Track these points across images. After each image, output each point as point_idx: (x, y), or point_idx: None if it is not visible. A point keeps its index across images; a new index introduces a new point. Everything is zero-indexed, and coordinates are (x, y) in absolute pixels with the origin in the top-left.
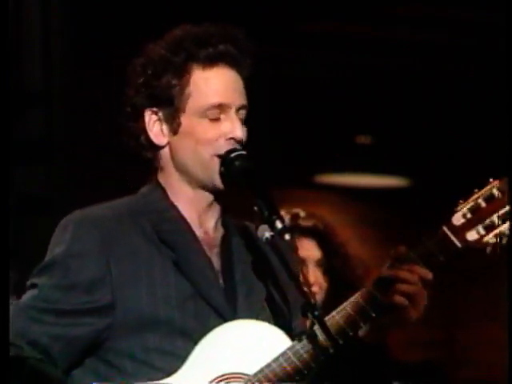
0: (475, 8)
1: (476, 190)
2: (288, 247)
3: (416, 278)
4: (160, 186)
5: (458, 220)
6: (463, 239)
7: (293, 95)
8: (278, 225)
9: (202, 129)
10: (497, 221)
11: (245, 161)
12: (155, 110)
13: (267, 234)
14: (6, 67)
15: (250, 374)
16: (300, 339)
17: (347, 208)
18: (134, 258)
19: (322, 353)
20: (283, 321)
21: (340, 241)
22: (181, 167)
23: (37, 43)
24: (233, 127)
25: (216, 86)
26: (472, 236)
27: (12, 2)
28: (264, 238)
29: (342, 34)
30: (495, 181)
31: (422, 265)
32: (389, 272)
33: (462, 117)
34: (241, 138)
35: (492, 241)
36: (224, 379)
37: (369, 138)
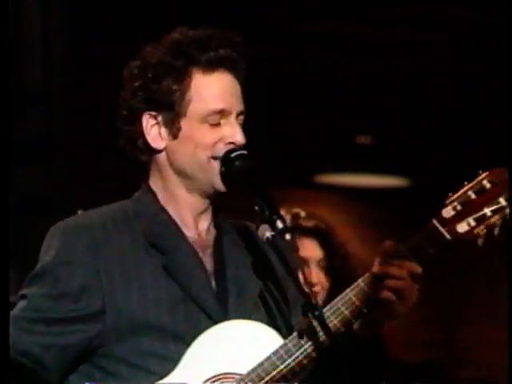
0: (475, 8)
1: (466, 183)
2: (288, 247)
3: (405, 273)
4: (150, 191)
5: (447, 213)
6: (453, 231)
7: (293, 95)
8: (279, 224)
9: (201, 133)
10: (488, 212)
11: (245, 160)
12: (154, 113)
13: (268, 234)
14: (6, 67)
15: (242, 374)
16: (292, 337)
17: (347, 208)
18: (124, 263)
19: (315, 350)
20: (282, 319)
21: (340, 241)
22: (179, 171)
23: (37, 43)
24: (233, 132)
25: (217, 92)
26: (462, 228)
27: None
28: (265, 237)
29: (341, 33)
30: (484, 172)
31: (412, 258)
32: (378, 268)
33: (462, 117)
34: (241, 143)
35: (483, 232)
36: (217, 379)
37: (369, 138)
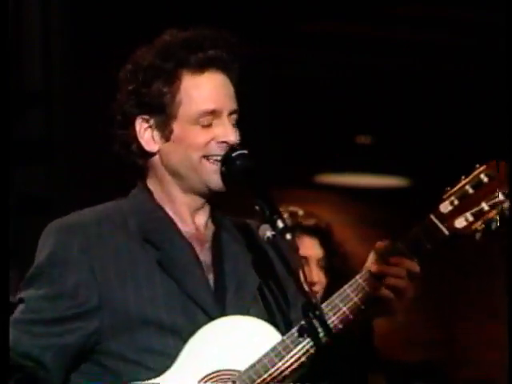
0: (475, 8)
1: (463, 177)
2: (289, 247)
3: (403, 272)
4: (147, 189)
5: (445, 208)
6: (451, 227)
7: (293, 95)
8: (280, 224)
9: (193, 135)
10: (486, 207)
11: (246, 160)
12: (146, 117)
13: (268, 234)
14: (6, 67)
15: (240, 370)
16: (290, 334)
17: (347, 208)
18: (119, 260)
19: (313, 347)
20: (281, 315)
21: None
22: (173, 172)
23: (37, 43)
24: (225, 132)
25: (207, 92)
26: (460, 223)
27: (12, 1)
28: (265, 237)
29: (341, 33)
30: (481, 166)
31: (410, 255)
32: (377, 267)
33: (462, 117)
34: (234, 142)
35: (481, 227)
36: (215, 376)
37: (369, 138)
